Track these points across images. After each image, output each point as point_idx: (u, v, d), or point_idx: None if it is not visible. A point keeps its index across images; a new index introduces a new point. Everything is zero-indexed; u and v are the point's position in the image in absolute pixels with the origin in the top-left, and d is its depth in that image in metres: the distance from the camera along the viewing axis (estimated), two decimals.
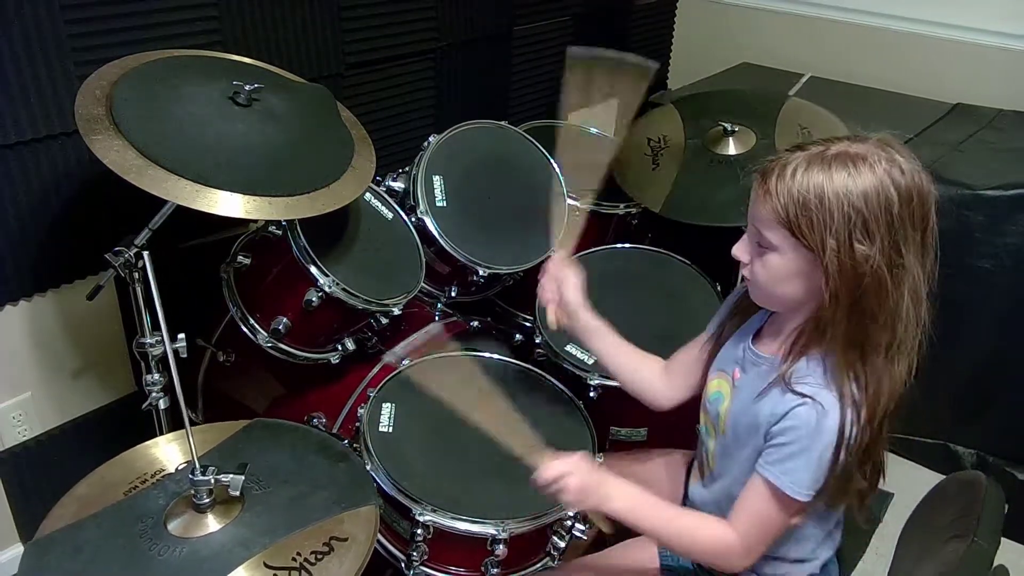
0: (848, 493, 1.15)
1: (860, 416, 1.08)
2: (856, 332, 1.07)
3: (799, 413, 1.09)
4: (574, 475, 1.15)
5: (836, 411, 1.08)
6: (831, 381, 1.10)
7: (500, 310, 2.11)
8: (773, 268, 1.11)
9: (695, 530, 1.19)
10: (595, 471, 1.18)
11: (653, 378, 1.41)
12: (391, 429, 1.43)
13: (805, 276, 1.08)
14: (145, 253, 1.12)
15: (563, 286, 1.40)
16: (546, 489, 1.16)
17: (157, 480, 1.19)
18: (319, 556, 1.08)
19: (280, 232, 1.51)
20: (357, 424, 1.45)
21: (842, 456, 1.08)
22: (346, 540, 1.11)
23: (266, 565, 1.06)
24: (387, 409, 1.46)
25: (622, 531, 1.26)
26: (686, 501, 1.40)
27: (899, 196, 1.02)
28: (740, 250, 1.16)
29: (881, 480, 1.19)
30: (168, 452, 1.25)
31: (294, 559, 1.07)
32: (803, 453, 1.09)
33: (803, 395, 1.09)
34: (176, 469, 1.22)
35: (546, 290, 1.42)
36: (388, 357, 1.66)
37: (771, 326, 1.23)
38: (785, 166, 1.06)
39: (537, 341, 1.74)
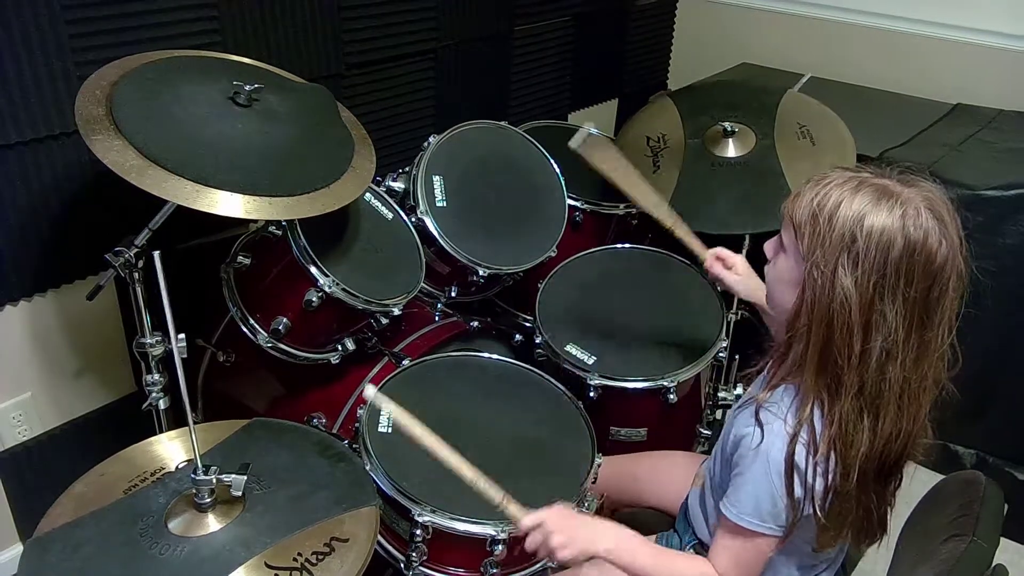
0: (825, 540, 1.13)
1: (815, 450, 1.05)
2: (823, 362, 1.05)
3: (745, 441, 1.10)
4: (552, 520, 1.12)
5: (781, 440, 1.07)
6: (795, 412, 1.08)
7: (500, 310, 2.11)
8: (778, 268, 1.12)
9: (681, 570, 1.17)
10: (574, 516, 1.17)
11: None
12: (390, 430, 1.43)
13: (796, 286, 1.08)
14: (156, 253, 1.11)
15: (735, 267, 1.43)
16: (532, 544, 1.14)
17: (158, 479, 1.19)
18: (320, 556, 1.08)
19: (280, 232, 1.51)
20: (357, 424, 1.45)
21: (797, 490, 1.06)
22: (347, 540, 1.11)
23: (267, 565, 1.06)
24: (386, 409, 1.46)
25: None
26: (687, 505, 1.40)
27: (904, 245, 0.99)
28: (767, 246, 1.16)
29: (881, 534, 1.16)
30: (169, 450, 1.25)
31: (295, 559, 1.07)
32: (746, 482, 1.10)
33: (758, 421, 1.09)
34: (177, 468, 1.22)
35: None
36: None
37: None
38: (825, 176, 1.07)
39: (537, 341, 1.75)
